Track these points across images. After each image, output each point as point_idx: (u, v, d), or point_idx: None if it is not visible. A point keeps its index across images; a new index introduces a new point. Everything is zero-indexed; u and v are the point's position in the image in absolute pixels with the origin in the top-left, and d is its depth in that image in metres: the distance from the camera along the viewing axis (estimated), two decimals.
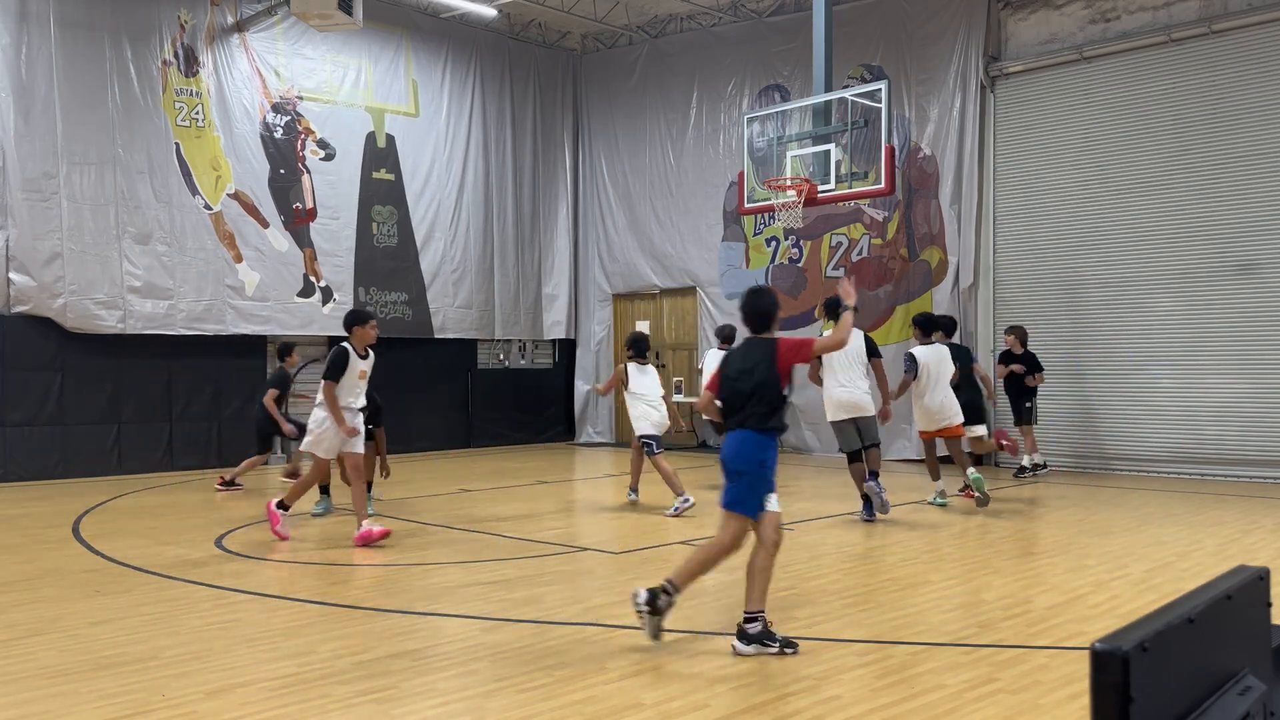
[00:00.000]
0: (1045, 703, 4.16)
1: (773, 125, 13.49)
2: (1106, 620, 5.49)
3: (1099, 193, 12.78)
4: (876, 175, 11.33)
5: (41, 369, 12.54)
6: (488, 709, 4.13)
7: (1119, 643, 1.48)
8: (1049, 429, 13.08)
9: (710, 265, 16.36)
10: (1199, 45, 12.05)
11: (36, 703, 4.25)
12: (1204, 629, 1.70)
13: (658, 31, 17.13)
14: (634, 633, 5.25)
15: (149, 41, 13.31)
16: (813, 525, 8.77)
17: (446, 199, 16.31)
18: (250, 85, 14.22)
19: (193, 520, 9.28)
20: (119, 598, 6.24)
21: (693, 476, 12.60)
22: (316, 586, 6.48)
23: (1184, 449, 12.14)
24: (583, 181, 18.13)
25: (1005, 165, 13.61)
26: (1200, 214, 12.04)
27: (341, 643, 5.16)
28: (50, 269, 12.46)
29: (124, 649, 5.04)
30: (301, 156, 14.72)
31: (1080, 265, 12.93)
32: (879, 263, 14.50)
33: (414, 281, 15.88)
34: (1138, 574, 6.71)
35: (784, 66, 15.44)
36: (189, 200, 13.58)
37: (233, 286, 13.85)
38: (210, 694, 4.34)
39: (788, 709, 4.08)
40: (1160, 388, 12.32)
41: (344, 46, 15.07)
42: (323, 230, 14.88)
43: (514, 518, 9.46)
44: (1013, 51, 13.55)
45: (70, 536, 8.46)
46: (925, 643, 5.06)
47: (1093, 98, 12.83)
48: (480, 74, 16.76)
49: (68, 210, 12.57)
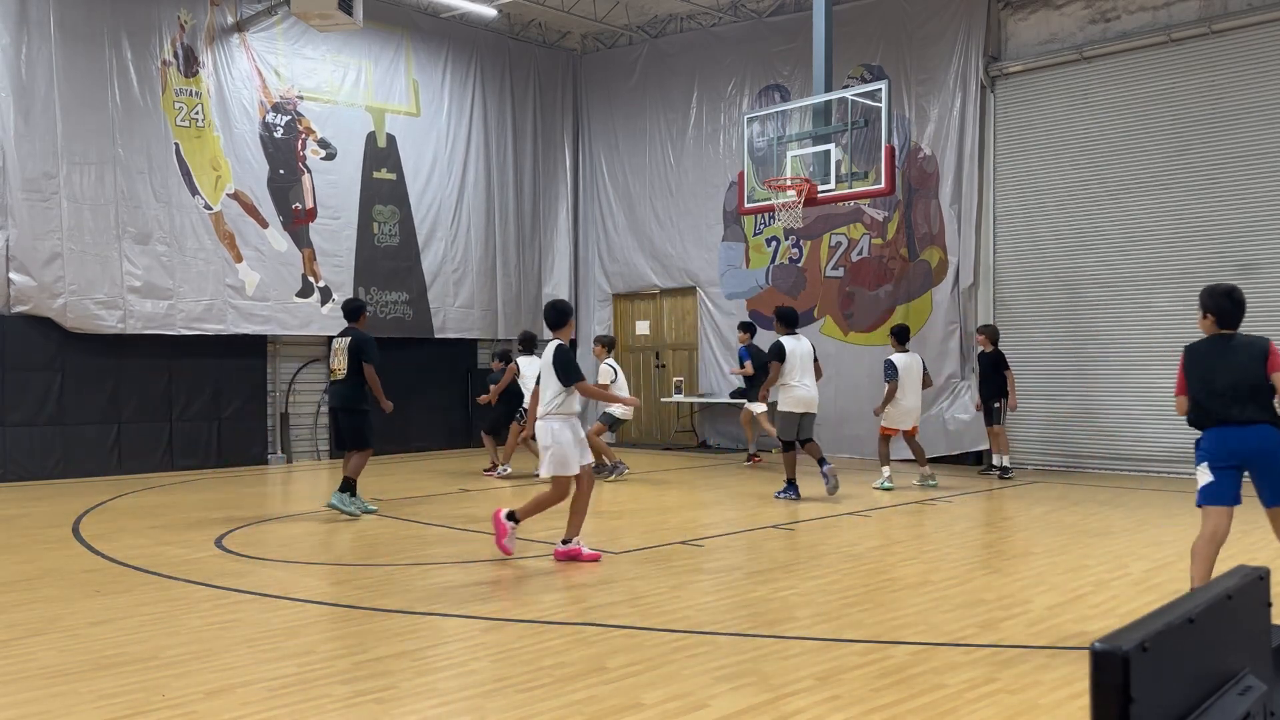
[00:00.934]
0: (1045, 703, 4.16)
1: (773, 125, 13.50)
2: (1107, 620, 5.49)
3: (1099, 192, 12.78)
4: (876, 175, 11.33)
5: (42, 369, 12.54)
6: (488, 709, 4.13)
7: (1119, 643, 1.48)
8: (1048, 429, 13.09)
9: (710, 265, 16.37)
10: (1199, 45, 12.05)
11: (37, 702, 4.25)
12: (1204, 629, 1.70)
13: (658, 31, 17.13)
14: (633, 632, 5.26)
15: (149, 42, 13.31)
16: (814, 525, 8.77)
17: (448, 198, 16.31)
18: (250, 85, 14.22)
19: (193, 520, 9.28)
20: (119, 598, 6.24)
21: (690, 476, 12.60)
22: (316, 586, 6.48)
23: (1184, 449, 12.11)
24: (583, 181, 18.14)
25: (1005, 165, 13.61)
26: (1200, 214, 12.04)
27: (341, 643, 5.16)
28: (50, 269, 12.46)
29: (124, 649, 5.04)
30: (302, 156, 14.72)
31: (1080, 265, 12.93)
32: (879, 263, 14.50)
33: (415, 281, 15.89)
34: (1138, 574, 6.71)
35: (784, 66, 15.44)
36: (189, 200, 13.58)
37: (233, 286, 13.85)
38: (210, 694, 4.34)
39: (788, 709, 4.08)
40: (1161, 387, 12.30)
41: (344, 46, 15.07)
42: (323, 230, 14.88)
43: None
44: (1013, 51, 13.55)
45: (70, 536, 8.46)
46: (925, 643, 5.06)
47: (1093, 98, 12.83)
48: (480, 74, 16.76)
49: (68, 210, 12.57)
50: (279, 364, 14.64)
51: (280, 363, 14.59)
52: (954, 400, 13.48)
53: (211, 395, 13.86)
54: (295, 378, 14.86)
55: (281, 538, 8.40)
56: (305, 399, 15.04)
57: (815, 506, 9.87)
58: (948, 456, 13.52)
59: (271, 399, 14.57)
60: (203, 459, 13.71)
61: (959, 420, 13.34)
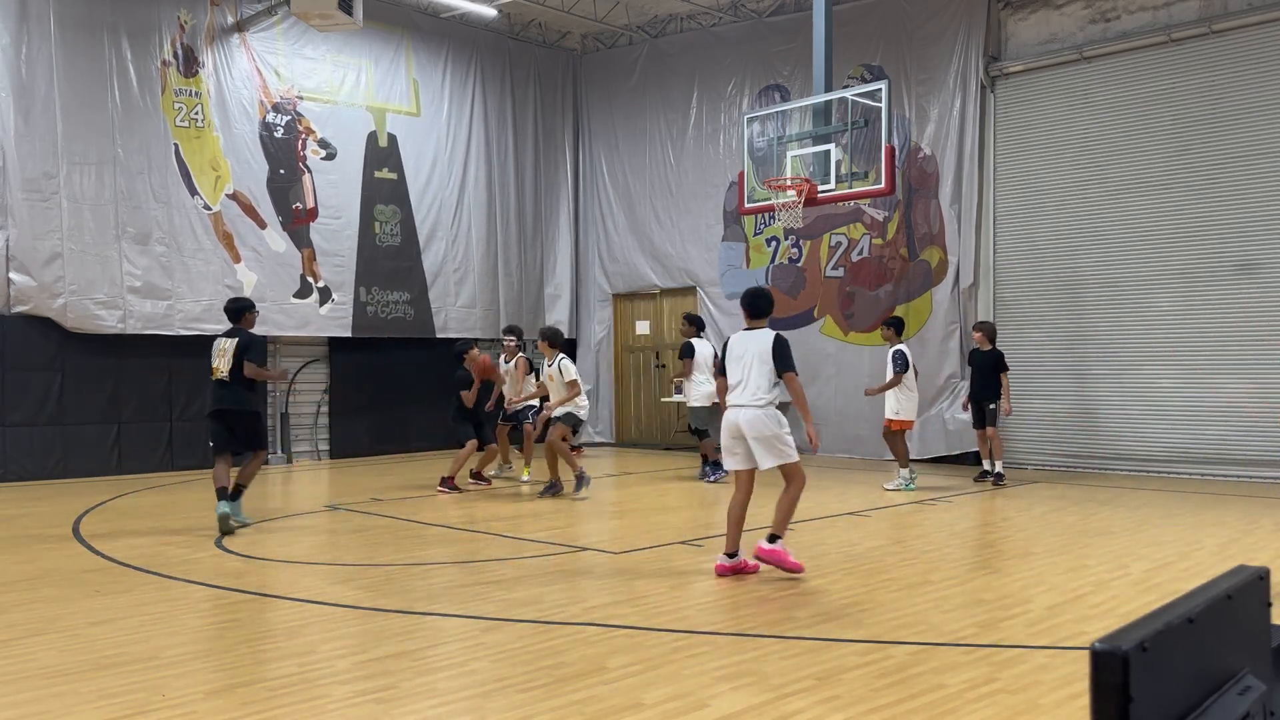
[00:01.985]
0: (1045, 703, 4.16)
1: (773, 125, 13.50)
2: (1106, 620, 5.49)
3: (1099, 192, 12.78)
4: (876, 175, 11.33)
5: (42, 369, 12.54)
6: (487, 709, 4.13)
7: (1119, 642, 1.48)
8: (1048, 428, 13.09)
9: (710, 265, 16.36)
10: (1199, 45, 12.05)
11: (37, 702, 4.25)
12: (1204, 629, 1.70)
13: (658, 31, 17.13)
14: (633, 632, 5.26)
15: (149, 41, 13.31)
16: (813, 525, 8.77)
17: (449, 198, 16.32)
18: (250, 85, 14.22)
19: (193, 520, 9.28)
20: (119, 597, 6.24)
21: (690, 476, 12.60)
22: (316, 586, 6.48)
23: (1184, 449, 12.15)
24: (583, 181, 18.14)
25: (1005, 165, 13.61)
26: (1200, 213, 12.04)
27: (342, 643, 5.16)
28: (50, 269, 12.46)
29: (124, 649, 5.04)
30: (302, 156, 14.72)
31: (1080, 265, 12.93)
32: (879, 262, 14.50)
33: (416, 281, 15.89)
34: (1138, 574, 6.71)
35: (784, 66, 15.44)
36: (188, 200, 13.58)
37: (231, 287, 13.84)
38: (210, 694, 4.34)
39: (788, 709, 4.08)
40: (1160, 387, 12.32)
41: (344, 46, 15.07)
42: (323, 230, 14.88)
43: (513, 517, 9.46)
44: (1013, 51, 13.55)
45: (70, 536, 8.46)
46: (925, 643, 5.06)
47: (1093, 98, 12.83)
48: (481, 74, 16.77)
49: (68, 210, 12.57)
50: (279, 364, 14.62)
51: (280, 362, 14.58)
52: (954, 400, 13.47)
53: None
54: (295, 378, 14.86)
55: (281, 538, 8.41)
56: (305, 399, 15.04)
57: (815, 506, 9.87)
58: (947, 456, 13.53)
59: (272, 399, 14.57)
60: (203, 459, 13.63)
61: (959, 420, 13.33)
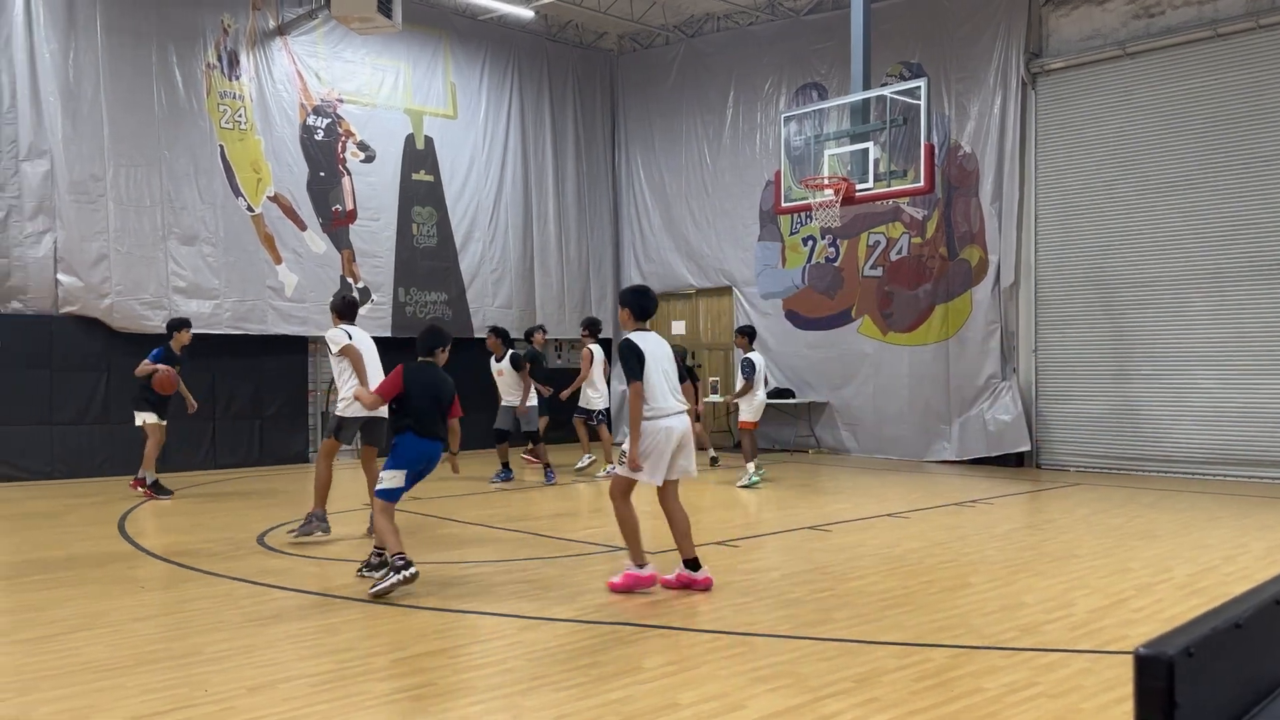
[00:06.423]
0: (1087, 708, 4.10)
1: (810, 124, 13.43)
2: (1150, 625, 5.41)
3: (1142, 190, 12.58)
4: (915, 173, 11.25)
5: (88, 369, 12.76)
6: (524, 707, 4.15)
7: (1164, 648, 1.46)
8: (1090, 429, 12.91)
9: (746, 265, 16.32)
10: (1245, 40, 11.83)
11: (82, 696, 4.33)
12: (1252, 635, 1.66)
13: (694, 31, 17.10)
14: (670, 632, 5.25)
15: (193, 45, 13.51)
16: (852, 526, 8.72)
17: (485, 199, 16.41)
18: (291, 88, 14.38)
19: (235, 517, 9.40)
20: (162, 593, 6.34)
21: (726, 475, 12.58)
22: (356, 584, 6.53)
23: (1229, 451, 11.93)
24: (619, 181, 18.17)
25: (1046, 163, 13.44)
26: (1244, 212, 11.81)
27: (380, 640, 5.20)
28: (97, 270, 12.68)
29: (167, 644, 5.11)
30: (342, 159, 14.87)
31: (1123, 263, 12.74)
32: (918, 262, 14.38)
33: (454, 281, 16.00)
34: (1182, 577, 6.60)
35: (821, 65, 15.36)
36: (233, 202, 13.77)
37: (273, 287, 14.02)
38: (252, 689, 4.39)
39: (826, 710, 4.06)
40: (1202, 388, 12.11)
41: (384, 49, 15.20)
42: (362, 231, 15.03)
43: (552, 516, 9.49)
44: (1054, 48, 13.38)
45: (116, 533, 8.61)
46: (965, 645, 5.01)
47: (1136, 94, 12.63)
48: (518, 75, 16.84)
49: (114, 212, 12.79)
50: (320, 363, 14.79)
51: (321, 361, 14.73)
52: (994, 401, 13.34)
53: (253, 394, 14.04)
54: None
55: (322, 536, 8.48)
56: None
57: (852, 507, 9.81)
58: (988, 458, 13.39)
59: (312, 398, 14.73)
60: (245, 457, 13.88)
61: (1000, 421, 13.20)
